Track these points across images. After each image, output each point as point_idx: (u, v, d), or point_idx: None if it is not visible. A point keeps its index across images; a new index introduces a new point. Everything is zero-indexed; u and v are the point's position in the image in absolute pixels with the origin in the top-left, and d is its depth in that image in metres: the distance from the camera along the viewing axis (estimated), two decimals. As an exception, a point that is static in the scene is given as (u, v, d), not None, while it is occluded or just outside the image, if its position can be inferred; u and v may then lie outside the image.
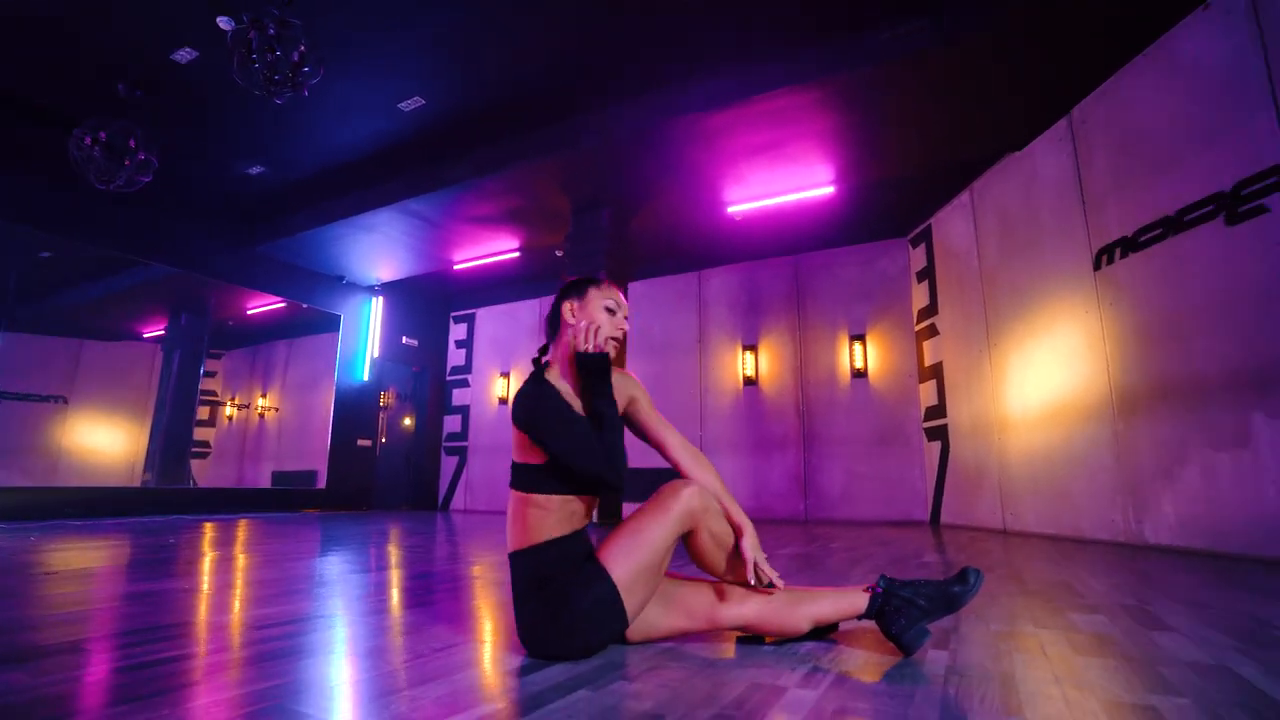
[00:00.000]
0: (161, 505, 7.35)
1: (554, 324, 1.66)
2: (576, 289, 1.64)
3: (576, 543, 1.54)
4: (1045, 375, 5.05)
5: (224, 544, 4.25)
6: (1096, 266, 4.53)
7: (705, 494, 1.54)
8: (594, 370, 1.54)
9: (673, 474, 1.69)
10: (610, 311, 1.62)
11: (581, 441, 1.47)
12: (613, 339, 1.60)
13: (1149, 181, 4.09)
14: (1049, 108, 4.94)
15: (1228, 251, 3.55)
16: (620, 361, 6.54)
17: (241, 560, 3.38)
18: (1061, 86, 4.72)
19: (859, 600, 1.56)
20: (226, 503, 8.03)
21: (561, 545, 1.51)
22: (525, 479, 1.53)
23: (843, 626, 1.75)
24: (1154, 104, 4.08)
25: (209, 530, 5.35)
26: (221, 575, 2.87)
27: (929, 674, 1.36)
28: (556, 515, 1.52)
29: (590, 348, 1.54)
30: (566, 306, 1.63)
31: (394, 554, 3.85)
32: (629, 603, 1.48)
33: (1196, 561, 3.33)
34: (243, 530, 5.39)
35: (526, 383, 1.57)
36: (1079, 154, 4.74)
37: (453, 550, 4.15)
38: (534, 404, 1.50)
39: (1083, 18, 4.12)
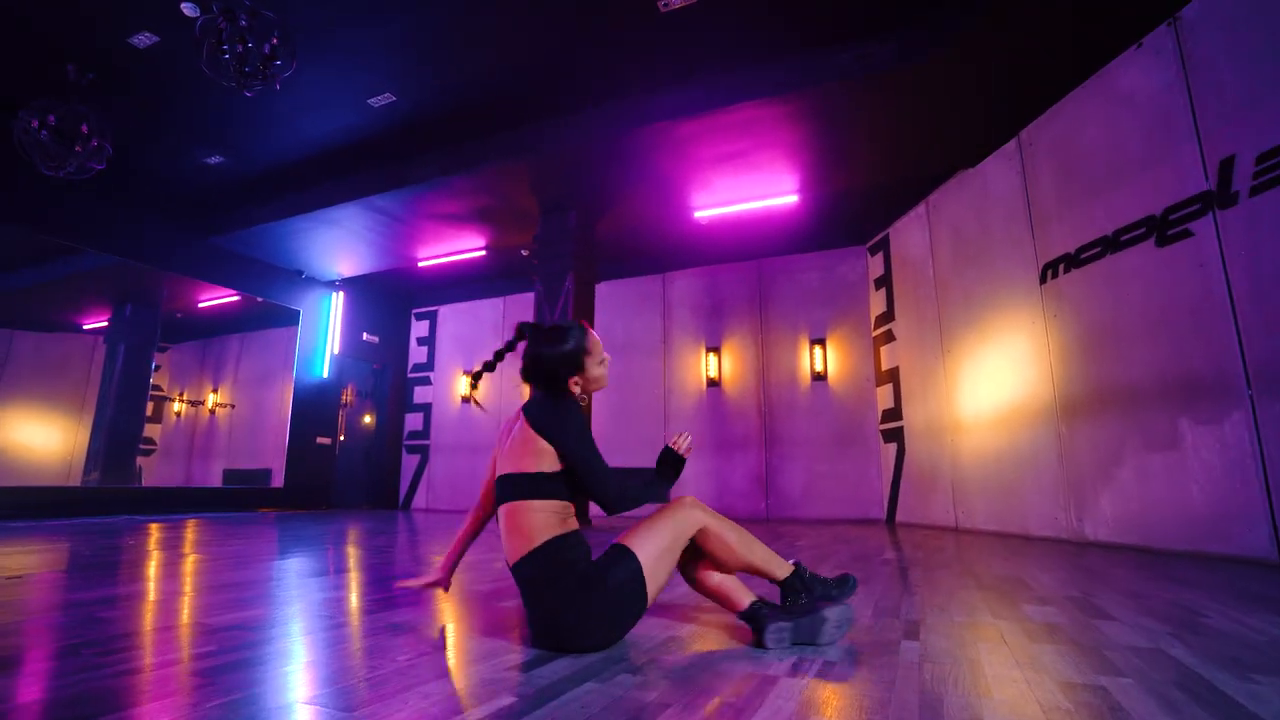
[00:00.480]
0: (107, 505, 7.08)
1: (554, 384, 1.73)
2: (573, 364, 1.72)
3: (578, 540, 1.64)
4: (995, 380, 5.34)
5: (176, 546, 4.15)
6: (1042, 280, 4.81)
7: (700, 503, 1.75)
8: (676, 466, 1.84)
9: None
10: (602, 364, 1.80)
11: (602, 461, 1.66)
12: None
13: (1089, 202, 4.38)
14: (1000, 128, 5.21)
15: (1158, 271, 3.84)
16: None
17: (197, 563, 3.32)
18: (1011, 109, 5.00)
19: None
20: (178, 502, 7.78)
21: (565, 541, 1.61)
22: (530, 487, 1.61)
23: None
24: (1095, 131, 4.37)
25: (160, 531, 5.20)
26: (176, 581, 2.83)
27: (904, 661, 1.49)
28: (557, 516, 1.62)
29: (684, 452, 1.85)
30: (573, 383, 1.73)
31: (361, 555, 3.83)
32: (650, 585, 1.61)
33: (1131, 556, 3.60)
34: (196, 531, 5.25)
35: (547, 396, 1.72)
36: (1027, 173, 5.03)
37: (421, 551, 4.15)
38: (567, 414, 1.66)
39: (1031, 47, 4.38)
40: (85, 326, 9.13)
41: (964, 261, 5.78)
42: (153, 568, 3.13)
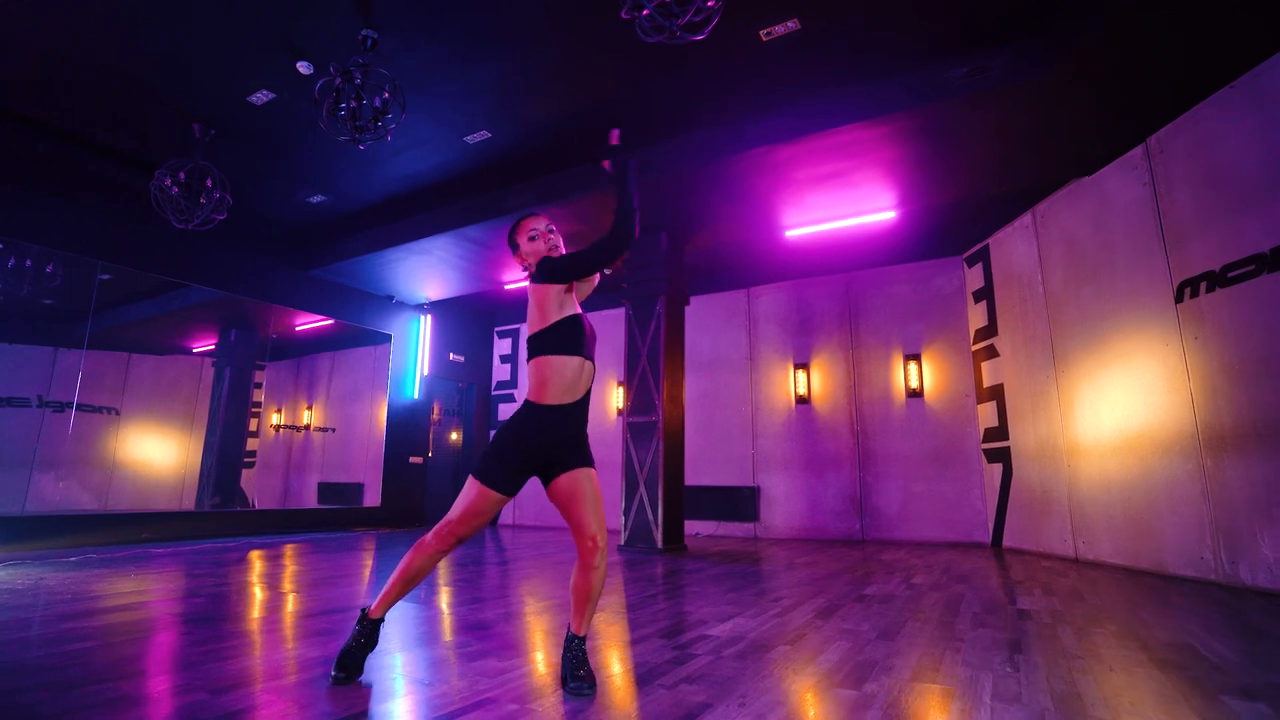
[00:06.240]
0: (219, 528, 7.51)
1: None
2: (512, 246, 2.30)
3: (524, 409, 2.14)
4: (1120, 404, 5.00)
5: (275, 584, 4.35)
6: (1178, 299, 4.47)
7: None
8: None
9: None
10: (533, 239, 2.23)
11: (579, 253, 2.12)
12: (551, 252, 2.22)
13: (1238, 217, 4.03)
14: (1121, 135, 4.88)
15: (1330, 293, 3.49)
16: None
17: (304, 602, 3.45)
18: (1136, 115, 4.67)
19: None
20: (281, 524, 8.17)
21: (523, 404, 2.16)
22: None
23: None
24: (1242, 139, 4.02)
25: (264, 564, 5.46)
26: (275, 630, 2.94)
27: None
28: (534, 379, 2.15)
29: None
30: (515, 259, 2.32)
31: (452, 592, 3.92)
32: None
33: (1303, 611, 3.29)
34: (298, 560, 5.50)
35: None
36: (1157, 183, 4.68)
37: (510, 581, 4.22)
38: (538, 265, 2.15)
39: (1162, 51, 4.07)
40: (194, 350, 9.79)
41: (1080, 276, 5.43)
42: (251, 610, 3.27)
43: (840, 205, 6.06)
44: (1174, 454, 4.48)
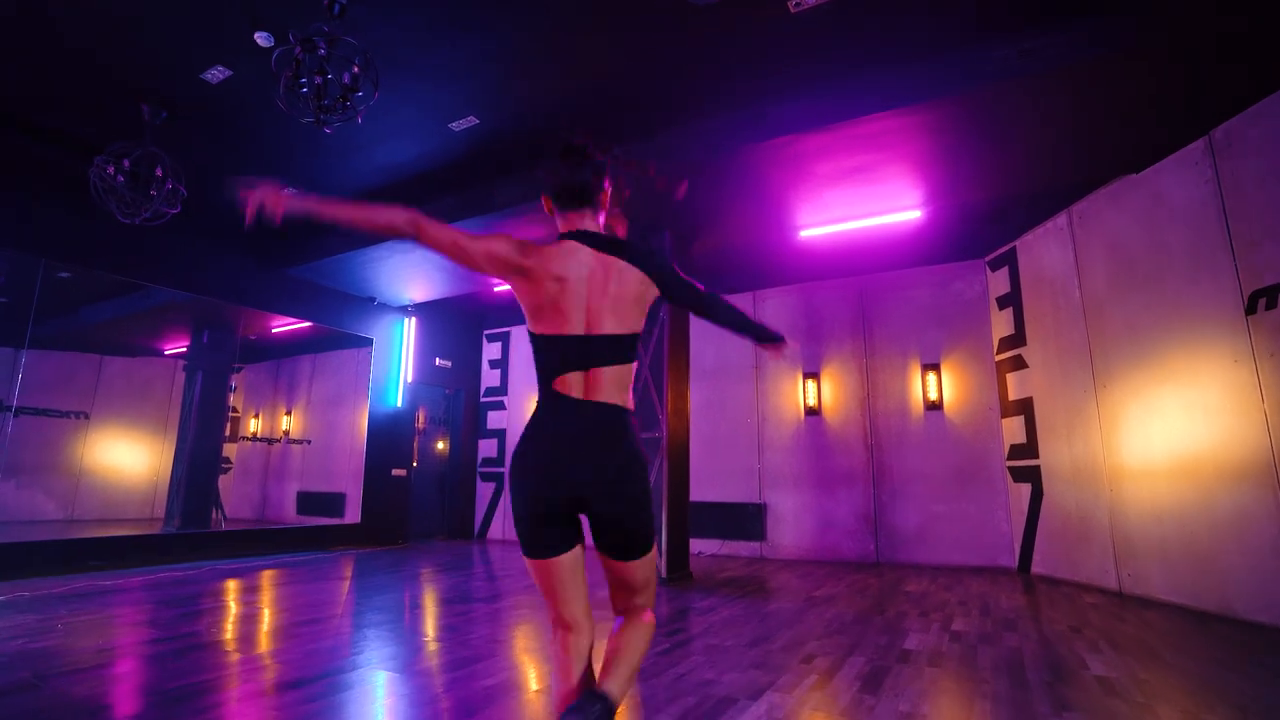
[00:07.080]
0: (189, 551, 6.89)
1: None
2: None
3: None
4: (1177, 425, 4.51)
5: (262, 628, 3.79)
6: (1250, 310, 3.99)
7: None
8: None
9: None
10: None
11: None
12: None
13: (1328, 217, 3.55)
14: (1181, 127, 4.40)
15: None
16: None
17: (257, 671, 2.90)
18: (1198, 104, 4.19)
19: None
20: (257, 544, 7.54)
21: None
22: (633, 350, 1.64)
23: None
24: (1334, 128, 3.54)
25: (229, 601, 4.90)
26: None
27: None
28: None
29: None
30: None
31: (439, 645, 3.38)
32: None
33: None
34: (270, 593, 4.94)
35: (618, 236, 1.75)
36: (1222, 180, 4.20)
37: (497, 625, 3.68)
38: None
39: (1236, 32, 3.59)
40: (166, 351, 9.20)
41: (1127, 284, 4.95)
42: (198, 683, 2.72)
43: (862, 203, 5.54)
44: (1245, 483, 4.00)
